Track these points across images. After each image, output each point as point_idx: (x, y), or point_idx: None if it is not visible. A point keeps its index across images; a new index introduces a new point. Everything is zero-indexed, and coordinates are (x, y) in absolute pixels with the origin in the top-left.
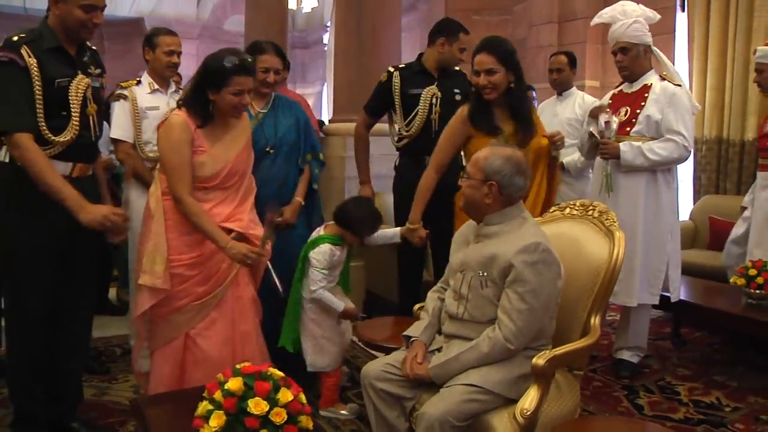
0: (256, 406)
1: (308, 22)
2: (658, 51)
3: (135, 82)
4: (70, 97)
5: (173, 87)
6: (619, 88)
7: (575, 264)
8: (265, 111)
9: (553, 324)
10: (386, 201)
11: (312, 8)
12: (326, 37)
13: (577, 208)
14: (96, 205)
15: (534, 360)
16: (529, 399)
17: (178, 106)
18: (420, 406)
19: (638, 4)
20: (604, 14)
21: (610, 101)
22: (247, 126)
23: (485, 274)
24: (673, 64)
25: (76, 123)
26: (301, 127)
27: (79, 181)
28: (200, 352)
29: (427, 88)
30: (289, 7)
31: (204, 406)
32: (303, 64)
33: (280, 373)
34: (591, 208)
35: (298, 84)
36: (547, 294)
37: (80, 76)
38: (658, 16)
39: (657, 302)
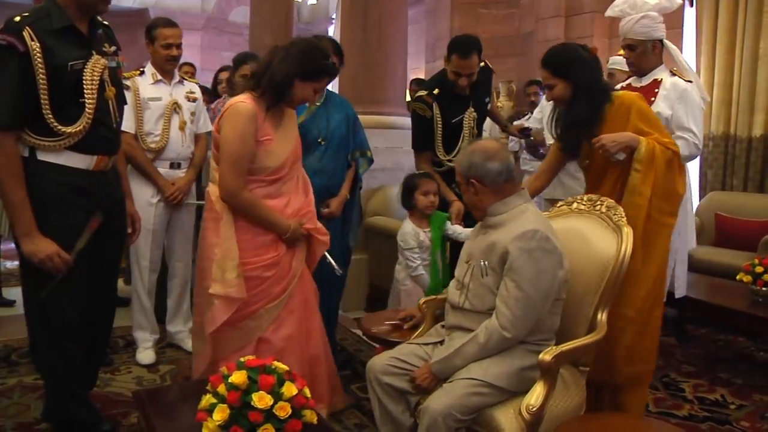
0: (260, 400)
1: (313, 14)
2: (670, 45)
3: (138, 72)
4: (84, 82)
5: (177, 78)
6: (628, 82)
7: (582, 259)
8: (318, 104)
9: (556, 320)
10: (392, 193)
11: (317, 0)
12: (332, 30)
13: (584, 202)
14: (47, 239)
15: (540, 356)
16: (535, 395)
17: (252, 87)
18: (424, 401)
19: None
20: (615, 7)
21: None
22: (294, 114)
23: (486, 262)
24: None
25: (91, 110)
26: (350, 123)
27: (102, 175)
28: (271, 350)
29: (467, 112)
30: None
31: (207, 399)
32: None
33: (285, 367)
34: (599, 202)
35: None
36: (546, 283)
37: (95, 56)
38: (678, 3)
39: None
